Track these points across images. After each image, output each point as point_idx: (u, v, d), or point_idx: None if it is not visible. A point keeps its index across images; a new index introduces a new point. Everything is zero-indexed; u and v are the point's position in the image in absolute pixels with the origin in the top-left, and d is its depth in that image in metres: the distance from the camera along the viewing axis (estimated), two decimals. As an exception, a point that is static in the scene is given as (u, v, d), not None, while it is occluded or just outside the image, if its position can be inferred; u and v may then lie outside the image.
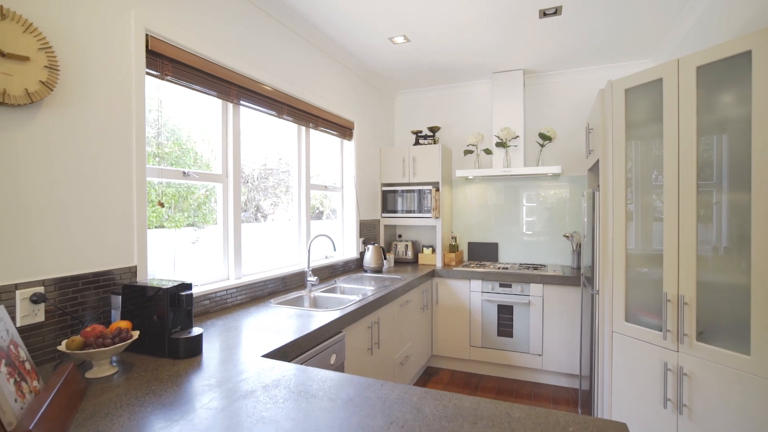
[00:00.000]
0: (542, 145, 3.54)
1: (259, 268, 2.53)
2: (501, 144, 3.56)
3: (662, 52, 3.07)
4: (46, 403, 0.91)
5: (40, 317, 1.33)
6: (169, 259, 2.00)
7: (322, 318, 1.93)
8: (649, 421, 1.77)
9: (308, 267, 2.66)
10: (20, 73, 1.23)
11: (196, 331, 1.46)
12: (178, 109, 2.04)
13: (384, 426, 0.97)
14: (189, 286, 1.49)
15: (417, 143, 3.99)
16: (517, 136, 3.55)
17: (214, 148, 2.23)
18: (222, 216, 2.25)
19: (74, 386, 1.08)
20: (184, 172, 2.00)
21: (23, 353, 1.02)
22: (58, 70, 1.34)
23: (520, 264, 3.76)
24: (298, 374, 1.27)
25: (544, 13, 2.59)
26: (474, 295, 3.47)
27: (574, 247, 3.51)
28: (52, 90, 1.32)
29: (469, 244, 4.06)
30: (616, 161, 1.92)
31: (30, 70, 1.26)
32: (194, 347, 1.42)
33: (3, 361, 0.91)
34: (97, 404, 1.07)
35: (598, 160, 2.09)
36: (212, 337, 1.64)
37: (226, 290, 2.15)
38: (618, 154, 1.92)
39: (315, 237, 2.71)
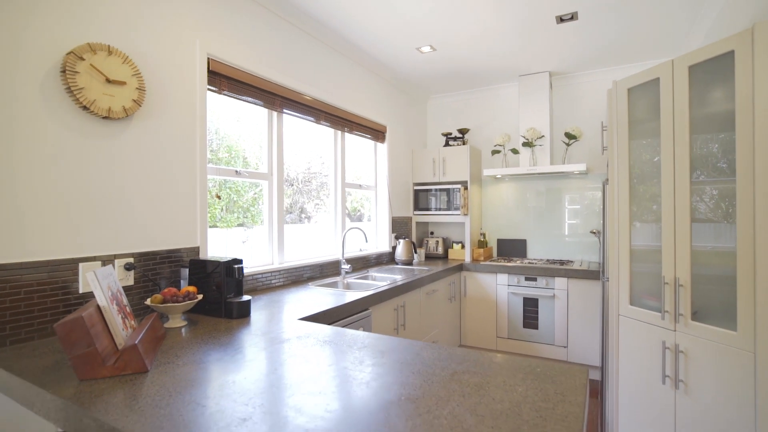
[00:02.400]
0: (568, 144, 3.65)
1: (300, 256, 2.87)
2: (527, 144, 3.70)
3: (689, 49, 3.11)
4: (142, 333, 1.25)
5: (131, 281, 1.71)
6: (222, 254, 2.36)
7: (351, 296, 2.22)
8: (649, 397, 1.89)
9: (342, 256, 2.97)
10: (119, 94, 1.62)
11: (245, 297, 1.79)
12: (228, 119, 2.42)
13: (389, 363, 1.22)
14: (240, 261, 1.82)
15: (447, 144, 4.21)
16: (543, 136, 3.68)
17: (261, 153, 2.59)
18: (267, 208, 2.60)
19: (158, 329, 1.43)
20: (236, 171, 2.37)
21: (125, 300, 1.38)
22: (144, 90, 1.73)
23: (548, 260, 3.86)
24: (325, 330, 1.56)
25: (561, 19, 2.75)
26: (500, 288, 3.63)
27: (601, 243, 3.58)
28: (140, 106, 1.71)
29: (498, 240, 4.21)
30: (621, 157, 2.06)
31: (126, 91, 1.65)
32: (244, 310, 1.75)
33: (114, 301, 1.26)
34: (174, 342, 1.42)
35: (608, 156, 2.23)
36: (258, 307, 1.98)
37: (270, 273, 2.49)
38: (622, 150, 2.06)
39: (349, 229, 3.01)
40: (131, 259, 1.72)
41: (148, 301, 1.58)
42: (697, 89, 1.75)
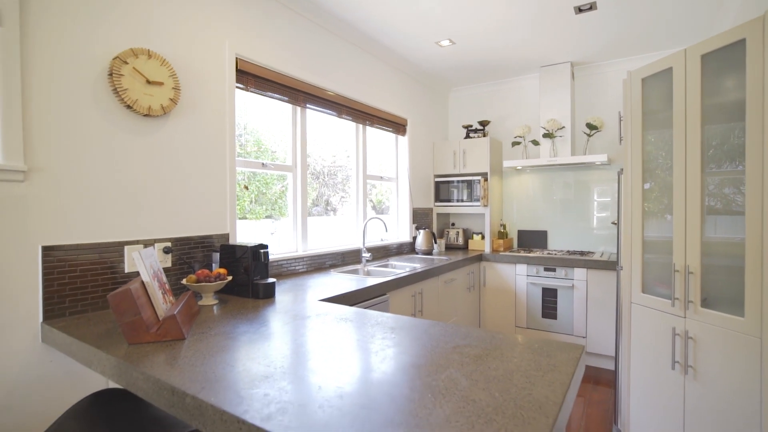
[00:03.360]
0: (589, 135, 3.63)
1: (323, 245, 3.02)
2: (548, 135, 3.70)
3: (720, 27, 3.03)
4: (179, 307, 1.41)
5: (169, 263, 1.90)
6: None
7: (370, 281, 2.34)
8: (660, 383, 1.93)
9: (363, 245, 3.09)
10: (158, 93, 1.79)
11: (270, 280, 1.94)
12: (255, 113, 2.57)
13: (399, 337, 1.34)
14: (266, 246, 1.98)
15: (467, 136, 4.25)
16: (563, 127, 3.67)
17: (286, 146, 2.74)
18: (292, 197, 2.76)
19: (192, 306, 1.60)
20: (263, 164, 2.53)
21: (164, 278, 1.55)
22: (179, 90, 1.89)
23: (568, 251, 3.87)
24: (343, 310, 1.68)
25: (579, 9, 2.75)
26: (519, 278, 3.67)
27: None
28: (176, 104, 1.88)
29: (519, 231, 4.23)
30: (634, 147, 2.08)
31: (163, 91, 1.81)
32: (269, 291, 1.90)
33: (156, 278, 1.43)
34: (207, 317, 1.58)
35: (623, 146, 2.24)
36: (282, 290, 2.13)
37: (294, 259, 2.65)
38: (635, 141, 2.08)
39: (369, 219, 3.14)
40: (169, 243, 1.90)
41: (184, 281, 1.75)
42: (710, 79, 1.75)
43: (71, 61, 1.57)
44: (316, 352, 1.19)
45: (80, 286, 1.61)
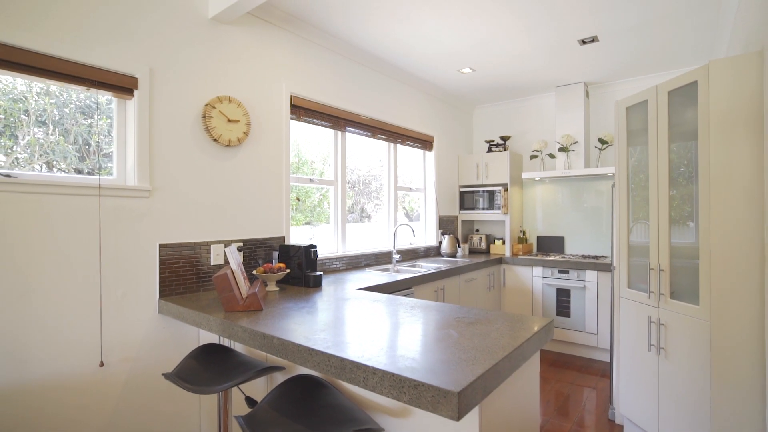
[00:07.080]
0: (601, 149, 3.95)
1: (359, 248, 3.52)
2: (563, 149, 4.06)
3: (716, 54, 3.32)
4: (256, 289, 1.94)
5: (241, 258, 2.46)
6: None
7: (398, 277, 2.82)
8: (639, 362, 2.28)
9: (394, 247, 3.58)
10: (235, 129, 2.36)
11: (318, 272, 2.46)
12: (297, 130, 3.12)
13: (417, 312, 1.80)
14: (315, 246, 2.50)
15: (490, 150, 4.66)
16: (576, 142, 4.01)
17: (327, 162, 3.28)
18: (333, 207, 3.29)
19: (262, 291, 2.13)
20: (310, 179, 3.07)
21: (243, 268, 2.10)
22: (250, 125, 2.46)
23: (582, 255, 4.18)
24: (375, 295, 2.17)
25: (583, 41, 3.13)
26: (536, 279, 4.03)
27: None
28: (247, 136, 2.45)
29: (538, 237, 4.58)
30: (621, 165, 2.45)
31: (239, 126, 2.38)
32: (318, 281, 2.42)
33: (240, 268, 1.98)
34: (273, 298, 2.11)
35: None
36: (327, 282, 2.64)
37: (335, 259, 3.17)
38: (621, 160, 2.45)
39: (399, 225, 3.62)
40: (241, 243, 2.46)
41: (254, 272, 2.30)
42: (674, 109, 2.12)
43: (179, 110, 2.16)
44: (355, 320, 1.68)
45: (182, 274, 2.19)
